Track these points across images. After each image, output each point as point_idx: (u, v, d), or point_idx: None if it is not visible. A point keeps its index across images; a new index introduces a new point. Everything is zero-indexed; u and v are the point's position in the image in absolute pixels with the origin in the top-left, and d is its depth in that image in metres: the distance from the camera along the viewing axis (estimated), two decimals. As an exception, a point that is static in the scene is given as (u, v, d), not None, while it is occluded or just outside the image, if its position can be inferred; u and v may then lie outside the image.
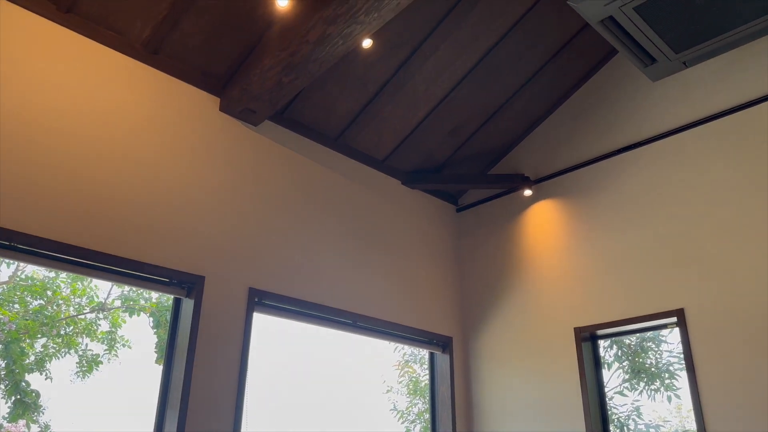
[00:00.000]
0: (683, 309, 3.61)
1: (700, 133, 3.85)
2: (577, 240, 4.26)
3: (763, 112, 3.61)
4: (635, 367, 4.48)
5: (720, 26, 2.70)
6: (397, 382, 5.83)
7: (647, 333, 4.20)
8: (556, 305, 4.24)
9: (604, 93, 4.42)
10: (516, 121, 4.67)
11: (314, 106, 3.97)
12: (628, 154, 4.16)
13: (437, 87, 4.12)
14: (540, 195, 4.58)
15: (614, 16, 2.65)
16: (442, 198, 5.00)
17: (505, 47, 4.02)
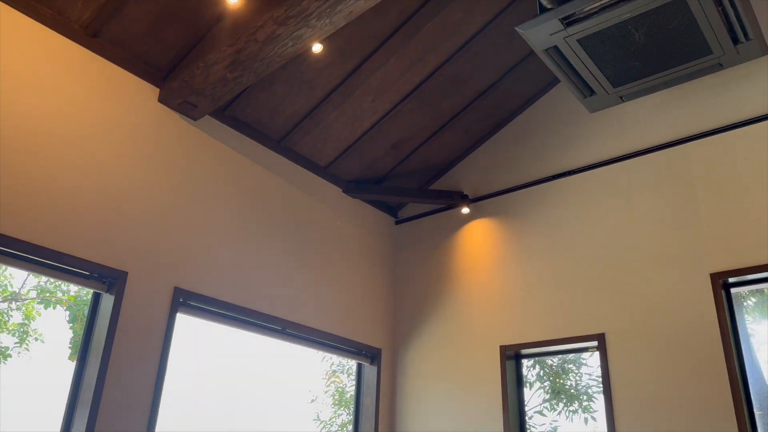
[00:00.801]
0: (604, 334, 3.74)
1: (631, 166, 4.02)
2: (509, 260, 4.35)
3: (689, 151, 3.80)
4: (556, 388, 4.59)
5: (656, 65, 2.82)
6: (323, 392, 5.76)
7: (569, 355, 4.32)
8: (484, 322, 4.30)
9: (545, 119, 4.55)
10: (459, 140, 4.74)
11: (258, 105, 3.90)
12: (563, 180, 4.29)
13: (384, 99, 4.13)
14: (477, 213, 4.66)
15: (558, 46, 2.73)
16: (381, 209, 5.01)
17: (452, 67, 4.07)
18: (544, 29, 2.66)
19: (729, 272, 3.43)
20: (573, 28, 2.61)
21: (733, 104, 3.74)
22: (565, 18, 2.58)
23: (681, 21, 2.54)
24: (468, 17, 3.77)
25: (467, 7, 3.69)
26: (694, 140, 3.80)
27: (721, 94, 3.81)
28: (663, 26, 2.58)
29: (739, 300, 3.70)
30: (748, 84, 3.73)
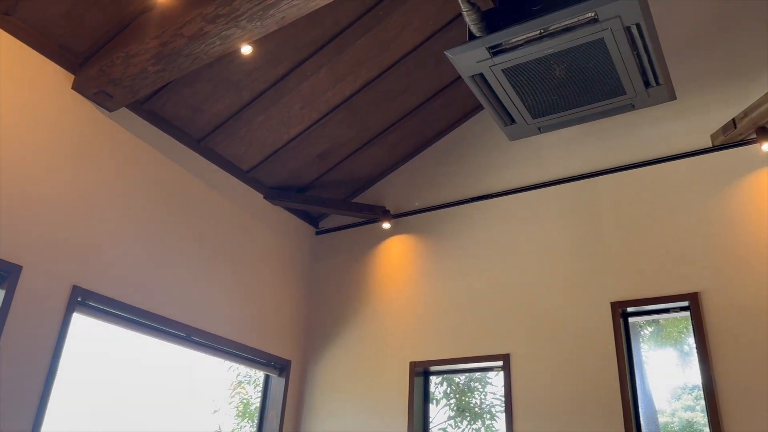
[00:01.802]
0: (509, 354, 3.85)
1: (545, 194, 4.18)
2: (424, 277, 4.40)
3: (598, 184, 4.00)
4: (461, 406, 4.67)
5: (573, 101, 2.95)
6: (226, 403, 5.59)
7: (476, 374, 4.41)
8: (396, 338, 4.32)
9: (468, 142, 4.67)
10: (385, 155, 4.77)
11: (180, 102, 3.77)
12: (481, 203, 4.40)
13: (313, 108, 4.10)
14: (397, 229, 4.70)
15: (484, 73, 2.80)
16: (302, 218, 4.96)
17: (384, 82, 4.11)
18: (471, 56, 2.72)
19: (627, 302, 3.62)
20: (499, 57, 2.69)
21: (641, 144, 3.98)
22: (492, 47, 2.65)
23: (599, 61, 2.67)
24: (401, 36, 3.81)
25: (401, 25, 3.74)
26: (604, 175, 4.01)
27: (631, 133, 4.04)
28: (582, 64, 2.70)
29: (636, 329, 3.91)
30: (656, 126, 3.98)
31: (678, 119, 3.92)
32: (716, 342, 3.31)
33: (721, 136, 3.68)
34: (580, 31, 2.50)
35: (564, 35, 2.53)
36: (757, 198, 3.49)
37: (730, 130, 3.63)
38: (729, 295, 3.37)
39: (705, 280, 3.46)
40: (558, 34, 2.54)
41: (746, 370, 3.19)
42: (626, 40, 2.53)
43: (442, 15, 3.80)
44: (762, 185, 3.51)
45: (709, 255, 3.50)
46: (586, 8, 2.40)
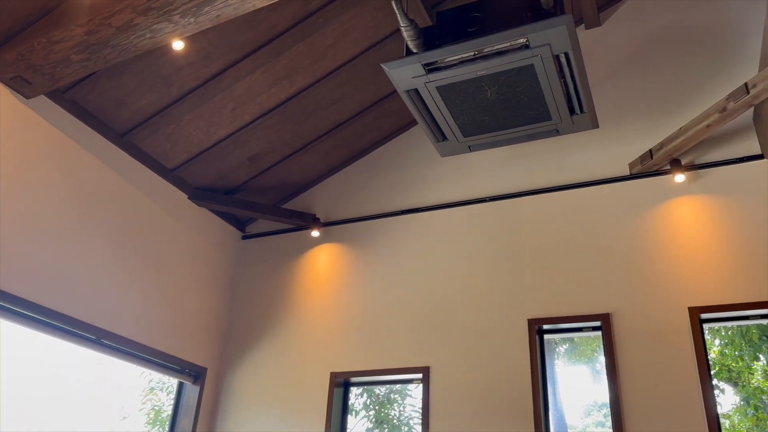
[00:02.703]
0: (429, 367, 3.89)
1: (472, 212, 4.27)
2: (350, 288, 4.39)
3: (522, 205, 4.13)
4: (380, 418, 4.67)
5: (502, 122, 3.03)
6: (137, 410, 5.36)
7: (396, 386, 4.43)
8: (318, 348, 4.28)
9: (401, 156, 4.71)
10: (317, 163, 4.74)
11: (104, 93, 3.61)
12: (410, 216, 4.45)
13: (246, 109, 4.02)
14: (326, 238, 4.66)
15: (419, 89, 2.83)
16: (229, 222, 4.84)
17: (320, 90, 4.09)
18: (407, 71, 2.75)
19: (543, 319, 3.74)
20: (434, 75, 2.73)
21: (564, 168, 4.14)
22: (428, 64, 2.69)
23: (528, 86, 2.76)
24: (339, 45, 3.81)
25: (339, 35, 3.74)
26: (528, 195, 4.14)
27: (556, 158, 4.20)
28: (512, 88, 2.79)
29: (552, 346, 4.04)
30: (579, 152, 4.15)
31: (599, 147, 4.10)
32: (624, 361, 3.47)
33: (638, 165, 3.89)
34: (512, 55, 2.57)
35: (497, 58, 2.60)
36: (669, 226, 3.70)
37: (646, 160, 3.83)
38: (638, 317, 3.54)
39: (616, 302, 3.62)
40: (491, 57, 2.60)
41: (651, 390, 3.36)
42: (555, 68, 2.63)
43: (381, 28, 3.82)
44: (673, 214, 3.72)
45: (622, 278, 3.67)
46: (519, 34, 2.47)
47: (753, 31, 3.99)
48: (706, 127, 3.49)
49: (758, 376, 3.63)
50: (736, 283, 3.41)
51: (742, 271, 3.42)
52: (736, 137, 3.76)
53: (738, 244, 3.49)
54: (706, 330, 3.57)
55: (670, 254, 3.62)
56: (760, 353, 3.85)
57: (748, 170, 3.64)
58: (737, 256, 3.47)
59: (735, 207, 3.59)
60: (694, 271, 3.53)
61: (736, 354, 4.09)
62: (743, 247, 3.47)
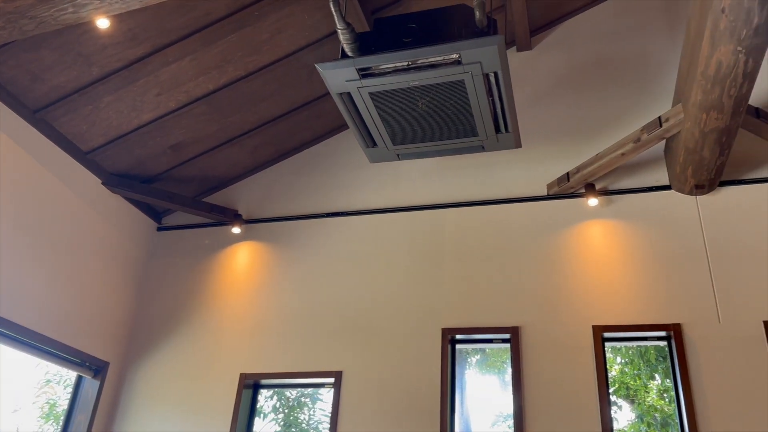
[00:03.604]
0: (342, 372, 3.87)
1: (397, 219, 4.30)
2: (268, 288, 4.31)
3: (445, 216, 4.20)
4: (288, 421, 4.61)
5: (431, 134, 3.08)
6: (30, 402, 5.02)
7: (307, 389, 4.39)
8: (229, 347, 4.17)
9: (331, 158, 4.69)
10: (244, 157, 4.64)
11: (18, 66, 3.38)
12: (335, 219, 4.43)
13: (171, 96, 3.88)
14: (248, 235, 4.57)
15: (352, 93, 2.83)
16: (144, 211, 4.64)
17: (251, 83, 4.00)
18: (341, 74, 2.74)
19: (456, 329, 3.81)
20: (367, 80, 2.73)
21: (488, 184, 4.25)
22: (362, 69, 2.69)
23: (458, 101, 2.81)
24: (274, 41, 3.75)
25: (275, 30, 3.68)
26: (451, 208, 4.22)
27: (481, 173, 4.30)
28: (443, 101, 2.83)
29: (464, 355, 4.12)
30: (503, 170, 4.27)
31: (521, 166, 4.24)
32: (529, 374, 3.59)
33: (556, 187, 4.04)
34: (445, 70, 2.62)
35: (429, 71, 2.63)
36: (580, 247, 3.87)
37: (563, 182, 3.99)
38: (545, 332, 3.67)
39: (526, 316, 3.75)
40: (424, 69, 2.63)
41: (553, 403, 3.49)
42: (484, 86, 2.69)
43: (318, 28, 3.79)
44: (585, 236, 3.89)
45: (533, 293, 3.80)
46: (452, 50, 2.52)
47: (670, 67, 4.25)
48: (620, 155, 3.68)
49: (653, 395, 3.84)
50: (637, 306, 3.60)
51: (644, 295, 3.62)
52: (648, 167, 3.98)
53: (642, 269, 3.69)
54: (608, 348, 3.76)
55: (580, 274, 3.78)
56: (656, 373, 4.07)
57: (656, 199, 3.87)
58: (640, 280, 3.67)
59: (642, 233, 3.80)
60: (601, 292, 3.70)
61: (634, 373, 4.31)
62: (647, 272, 3.68)
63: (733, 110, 3.03)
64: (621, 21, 4.52)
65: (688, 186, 3.72)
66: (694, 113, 3.12)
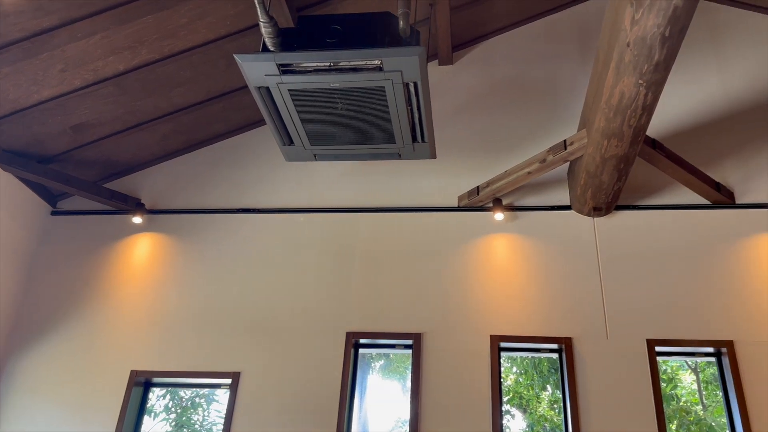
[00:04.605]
0: (240, 373, 3.78)
1: (310, 221, 4.26)
2: (168, 282, 4.14)
3: (359, 221, 4.21)
4: (181, 422, 4.44)
5: (349, 138, 3.08)
6: None
7: (203, 390, 4.24)
8: (121, 342, 3.97)
9: (245, 153, 4.58)
10: (153, 144, 4.44)
11: None
12: (246, 216, 4.33)
13: (77, 74, 3.65)
14: (149, 226, 4.37)
15: (271, 88, 2.78)
16: (38, 193, 4.33)
17: (165, 68, 3.84)
18: (261, 68, 2.69)
19: (361, 333, 3.82)
20: (287, 77, 2.69)
21: (403, 192, 4.30)
22: (283, 65, 2.65)
23: (377, 107, 2.83)
24: (193, 26, 3.62)
25: (195, 17, 3.55)
26: (365, 212, 4.23)
27: (397, 180, 4.35)
28: (362, 106, 2.84)
29: (368, 360, 4.14)
30: (418, 179, 4.34)
31: (436, 177, 4.33)
32: (428, 380, 3.65)
33: (466, 200, 4.16)
34: (366, 74, 2.63)
35: (351, 74, 2.63)
36: (484, 258, 3.99)
37: (473, 195, 4.11)
38: (446, 339, 3.76)
39: (429, 323, 3.82)
40: (346, 72, 2.63)
41: (448, 409, 3.57)
42: (403, 95, 2.73)
43: (241, 19, 3.70)
44: (490, 248, 4.02)
45: (436, 301, 3.88)
46: (374, 55, 2.53)
47: (579, 93, 4.49)
48: (527, 173, 3.84)
49: (544, 405, 4.01)
50: (534, 318, 3.77)
51: (541, 308, 3.79)
52: (552, 187, 4.18)
53: (540, 284, 3.87)
54: (505, 358, 3.90)
55: (482, 284, 3.90)
56: (548, 384, 4.26)
57: (557, 218, 4.06)
58: (538, 294, 3.83)
59: (542, 250, 3.97)
60: (500, 303, 3.83)
61: (528, 383, 4.49)
62: (544, 286, 3.85)
63: (632, 139, 3.24)
64: (538, 45, 4.73)
65: (587, 208, 3.94)
66: (597, 139, 3.31)
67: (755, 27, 4.56)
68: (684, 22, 2.48)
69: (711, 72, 4.44)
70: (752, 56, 4.45)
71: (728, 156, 4.13)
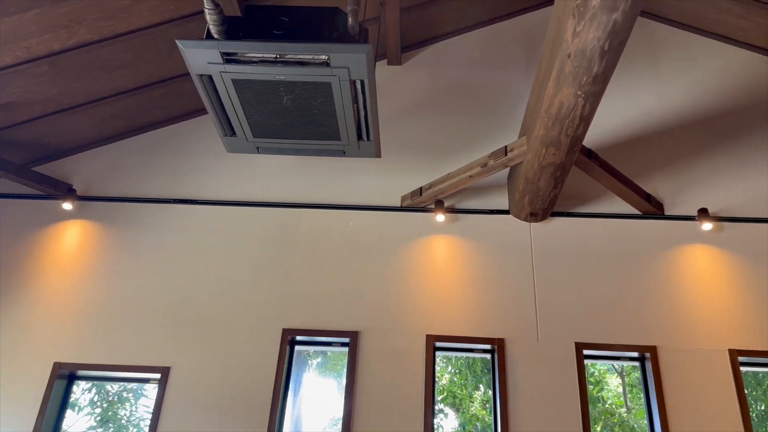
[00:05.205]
0: (170, 367, 3.68)
1: (251, 214, 4.19)
2: (97, 272, 3.99)
3: (301, 217, 4.17)
4: (106, 417, 4.29)
5: (293, 132, 3.04)
6: None
7: (131, 384, 4.11)
8: (43, 333, 3.79)
9: (186, 142, 4.46)
10: (88, 128, 4.26)
11: None
12: (183, 207, 4.21)
13: (8, 50, 3.47)
14: (81, 213, 4.19)
15: (213, 77, 2.71)
16: (-41, 173, 4.09)
17: (105, 51, 3.70)
18: (204, 55, 2.62)
19: (298, 330, 3.79)
20: (231, 66, 2.64)
21: (346, 189, 4.29)
22: (227, 54, 2.59)
23: (323, 103, 2.81)
24: (135, 9, 3.50)
25: (139, -2, 3.44)
26: (307, 208, 4.20)
27: (341, 178, 4.33)
28: (308, 101, 2.82)
29: (305, 357, 4.10)
30: (363, 177, 4.34)
31: (380, 176, 4.34)
32: (363, 378, 3.66)
33: (409, 200, 4.19)
34: (313, 69, 2.60)
35: (297, 68, 2.60)
36: (424, 259, 4.03)
37: (416, 196, 4.15)
38: (382, 338, 3.77)
39: (366, 321, 3.82)
40: (292, 65, 2.60)
41: (382, 407, 3.58)
42: (350, 92, 2.72)
43: (185, 4, 3.60)
44: (430, 249, 4.06)
45: (374, 300, 3.89)
46: (321, 50, 2.51)
47: (523, 101, 4.60)
48: (468, 177, 3.90)
49: (477, 405, 4.08)
50: (469, 319, 3.83)
51: (477, 310, 3.86)
52: (492, 191, 4.26)
53: (477, 285, 3.93)
54: (441, 358, 3.95)
55: (420, 284, 3.94)
56: (481, 384, 4.34)
57: (495, 222, 4.14)
58: (474, 296, 3.90)
59: (480, 252, 4.04)
60: (437, 303, 3.88)
61: (462, 383, 4.56)
62: (481, 288, 3.92)
63: (569, 148, 3.34)
64: (485, 52, 4.81)
65: (524, 213, 4.04)
66: (536, 147, 3.40)
67: (691, 46, 4.79)
68: (623, 37, 2.58)
69: (648, 87, 4.63)
70: (687, 74, 4.67)
71: (660, 169, 4.32)
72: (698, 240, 4.04)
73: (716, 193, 4.21)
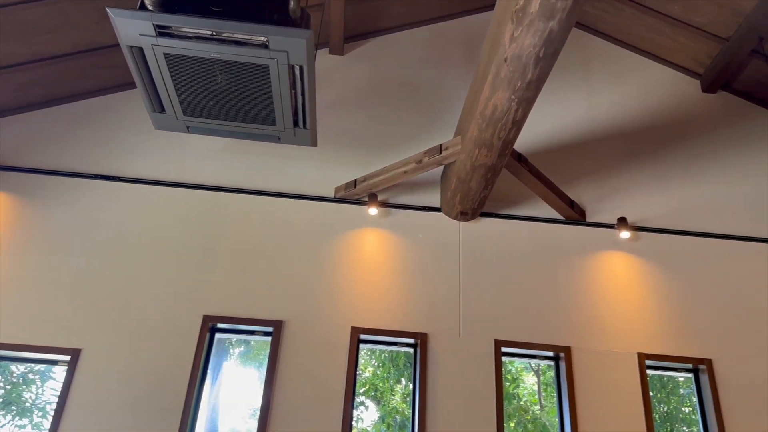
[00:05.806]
0: (81, 350, 3.52)
1: (176, 195, 4.06)
2: (7, 246, 3.76)
3: (229, 201, 4.07)
4: (10, 399, 4.06)
5: (226, 113, 2.96)
6: None
7: (38, 366, 3.91)
8: (-55, 309, 3.55)
9: (114, 115, 4.27)
10: (5, 94, 4.00)
11: None
12: (106, 183, 4.03)
13: None
14: (-8, 183, 3.94)
15: (144, 49, 2.60)
16: None
17: (27, 13, 3.48)
18: (135, 26, 2.51)
19: (219, 317, 3.71)
20: (164, 40, 2.54)
21: (279, 176, 4.22)
22: (160, 27, 2.50)
23: (260, 85, 2.75)
24: (66, -30, 3.32)
25: (69, -41, 3.26)
26: (236, 193, 4.11)
27: (275, 164, 4.26)
28: (244, 82, 2.75)
29: (227, 345, 4.02)
30: (297, 165, 4.28)
31: (315, 166, 4.30)
32: (285, 368, 3.62)
33: (342, 191, 4.17)
34: (250, 50, 2.54)
35: (234, 47, 2.54)
36: (354, 251, 4.02)
37: (350, 188, 4.13)
38: (307, 329, 3.74)
39: (291, 311, 3.78)
40: (229, 44, 2.53)
41: (301, 398, 3.55)
42: (288, 78, 2.67)
43: (122, -29, 3.45)
44: (361, 241, 4.06)
45: (299, 290, 3.86)
46: (260, 31, 2.46)
47: (461, 101, 4.66)
48: (403, 172, 3.92)
49: (398, 398, 4.12)
50: (395, 313, 3.86)
51: (401, 304, 3.89)
52: (425, 188, 4.31)
53: (404, 280, 3.97)
54: (365, 350, 3.96)
55: (348, 276, 3.93)
56: (402, 377, 4.39)
57: (426, 218, 4.19)
58: (400, 290, 3.93)
59: (408, 247, 4.08)
60: (363, 296, 3.89)
61: (384, 375, 4.59)
62: (406, 282, 3.96)
63: (500, 151, 3.42)
64: (427, 50, 4.85)
65: (455, 211, 4.10)
66: (469, 147, 3.46)
67: (621, 61, 5.00)
68: (557, 46, 2.65)
69: (578, 97, 4.80)
70: (616, 87, 4.87)
71: (585, 177, 4.49)
72: (616, 247, 4.23)
73: (636, 204, 4.42)
